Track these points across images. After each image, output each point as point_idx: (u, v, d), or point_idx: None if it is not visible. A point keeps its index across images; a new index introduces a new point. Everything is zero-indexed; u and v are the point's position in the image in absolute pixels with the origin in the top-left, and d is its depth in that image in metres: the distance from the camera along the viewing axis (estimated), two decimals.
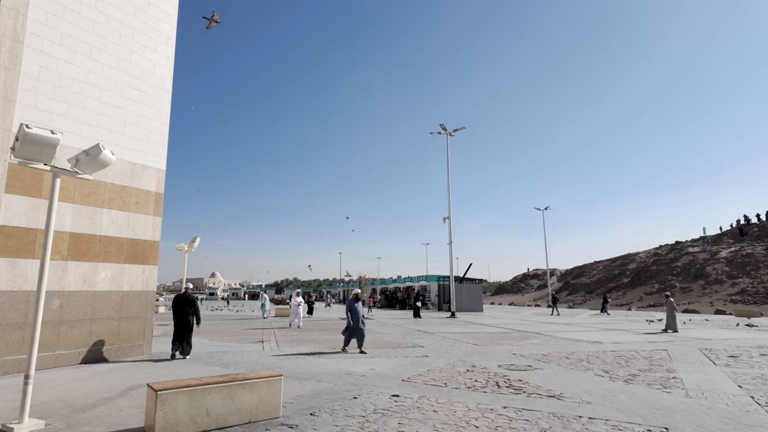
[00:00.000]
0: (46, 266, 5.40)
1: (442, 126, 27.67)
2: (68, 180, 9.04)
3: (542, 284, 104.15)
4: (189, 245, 15.29)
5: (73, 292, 8.96)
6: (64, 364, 8.68)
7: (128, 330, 9.86)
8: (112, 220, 9.75)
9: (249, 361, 9.65)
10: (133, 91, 10.41)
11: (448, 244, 26.88)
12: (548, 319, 26.13)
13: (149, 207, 10.56)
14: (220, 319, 24.54)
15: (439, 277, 37.76)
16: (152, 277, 10.50)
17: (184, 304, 10.45)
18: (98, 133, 9.64)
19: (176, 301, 10.58)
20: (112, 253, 9.70)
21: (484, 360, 10.08)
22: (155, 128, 10.86)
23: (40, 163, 5.28)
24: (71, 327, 8.87)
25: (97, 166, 5.69)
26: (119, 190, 9.96)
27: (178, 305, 10.48)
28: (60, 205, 8.86)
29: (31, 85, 8.61)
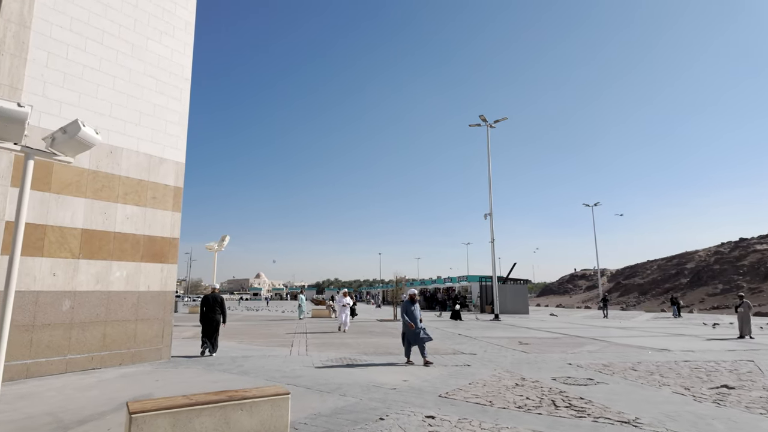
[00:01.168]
0: (16, 261, 4.66)
1: (482, 117, 26.18)
2: (80, 173, 8.51)
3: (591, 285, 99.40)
4: (219, 244, 14.76)
5: (85, 293, 8.41)
6: (75, 370, 8.12)
7: (145, 333, 9.24)
8: (127, 216, 9.16)
9: (271, 368, 8.80)
10: (149, 80, 9.82)
11: (490, 242, 25.36)
12: (602, 323, 24.11)
13: (167, 202, 9.94)
14: (257, 319, 24.17)
15: (480, 278, 36.13)
16: (171, 276, 9.86)
17: (213, 303, 10.83)
18: (112, 124, 9.08)
19: (205, 301, 10.95)
20: (127, 251, 9.11)
21: (535, 371, 8.77)
22: (173, 119, 10.24)
23: (8, 142, 4.54)
24: (83, 330, 8.31)
25: (78, 146, 4.93)
26: (135, 184, 9.37)
27: (206, 305, 10.86)
28: (70, 200, 8.33)
29: (38, 72, 8.12)
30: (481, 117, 26.24)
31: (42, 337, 7.77)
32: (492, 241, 25.33)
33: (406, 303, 9.87)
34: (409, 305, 9.76)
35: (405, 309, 9.72)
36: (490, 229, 25.42)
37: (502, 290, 29.75)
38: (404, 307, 9.78)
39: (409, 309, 9.69)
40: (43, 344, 7.77)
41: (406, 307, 9.74)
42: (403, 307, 9.83)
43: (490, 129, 26.85)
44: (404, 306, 9.83)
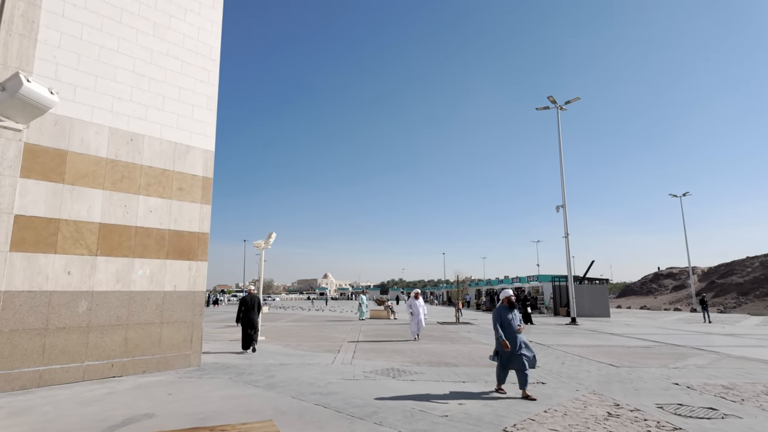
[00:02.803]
0: None
1: (551, 98, 23.64)
2: (97, 162, 7.80)
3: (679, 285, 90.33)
4: (265, 242, 13.92)
5: (104, 293, 7.67)
6: (93, 378, 7.38)
7: (172, 337, 8.40)
8: (150, 209, 8.37)
9: (304, 380, 7.58)
10: (172, 61, 9.02)
11: (564, 237, 22.78)
12: (701, 328, 20.74)
13: (195, 193, 9.07)
14: (314, 320, 23.46)
15: (553, 277, 33.17)
16: (200, 275, 8.98)
17: (251, 304, 11.49)
18: (132, 109, 8.33)
19: (243, 303, 11.53)
20: (150, 247, 8.31)
21: (632, 394, 6.82)
22: (201, 103, 9.38)
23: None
24: (102, 334, 7.57)
25: (25, 108, 3.95)
26: (158, 174, 8.57)
27: (245, 306, 11.44)
28: (87, 192, 7.63)
29: (50, 54, 7.48)
30: (550, 98, 23.71)
31: (56, 342, 7.08)
32: (566, 236, 22.75)
33: (499, 309, 7.05)
34: (505, 312, 6.96)
35: (498, 318, 6.93)
36: (564, 222, 22.85)
37: (578, 291, 26.91)
38: (497, 316, 6.97)
39: (505, 318, 6.90)
40: (57, 349, 7.09)
41: (500, 316, 6.94)
42: (495, 315, 7.03)
43: (561, 111, 24.23)
44: (497, 314, 7.00)
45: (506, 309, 7.05)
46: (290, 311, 35.61)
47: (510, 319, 6.91)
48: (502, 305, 7.13)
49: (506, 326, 6.85)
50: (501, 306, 7.13)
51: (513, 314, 7.00)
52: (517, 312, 7.12)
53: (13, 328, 6.72)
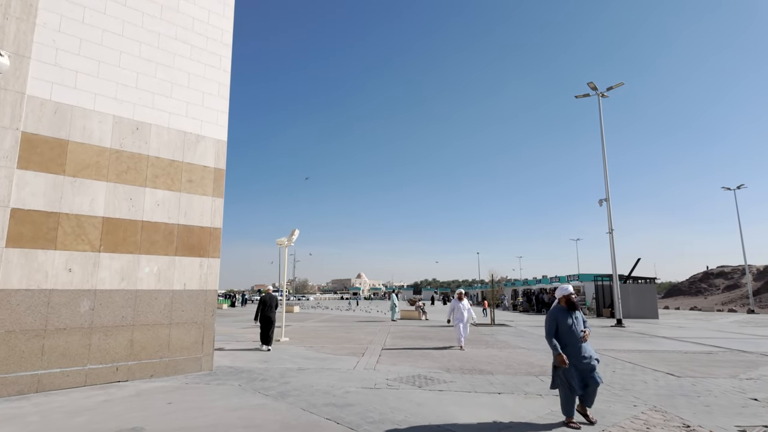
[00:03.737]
0: None
1: (591, 85, 22.09)
2: (100, 153, 7.33)
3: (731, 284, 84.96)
4: (288, 239, 13.35)
5: (108, 292, 7.18)
6: (96, 382, 6.90)
7: (181, 339, 7.85)
8: (157, 202, 7.86)
9: (320, 387, 6.84)
10: (181, 46, 8.49)
11: (608, 233, 21.20)
12: (765, 332, 18.77)
13: (206, 186, 8.51)
14: (343, 320, 22.84)
15: (595, 276, 31.31)
16: (212, 272, 8.41)
17: (270, 303, 11.87)
18: (138, 96, 7.84)
19: (262, 302, 11.91)
20: (158, 243, 7.79)
21: (703, 411, 5.72)
22: (212, 90, 8.82)
23: None
24: (106, 335, 7.08)
25: None
26: (166, 165, 8.05)
27: (264, 305, 11.81)
28: (89, 184, 7.17)
29: (50, 38, 7.06)
30: (590, 85, 22.16)
31: (56, 344, 6.63)
32: (610, 232, 21.16)
33: (556, 313, 5.26)
34: (564, 316, 5.22)
35: (554, 323, 5.20)
36: (608, 217, 21.28)
37: (624, 290, 25.17)
38: (552, 321, 5.22)
39: (564, 323, 5.16)
40: (57, 352, 6.63)
41: (556, 321, 5.20)
42: (549, 320, 5.25)
43: (602, 98, 22.65)
44: (552, 319, 5.24)
45: (564, 312, 5.27)
46: (321, 311, 35.25)
47: (570, 324, 5.16)
48: (559, 307, 5.33)
49: (566, 334, 5.14)
50: (557, 308, 5.31)
51: (574, 318, 5.24)
52: (579, 314, 5.34)
53: (9, 329, 6.29)
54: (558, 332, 5.20)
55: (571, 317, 5.24)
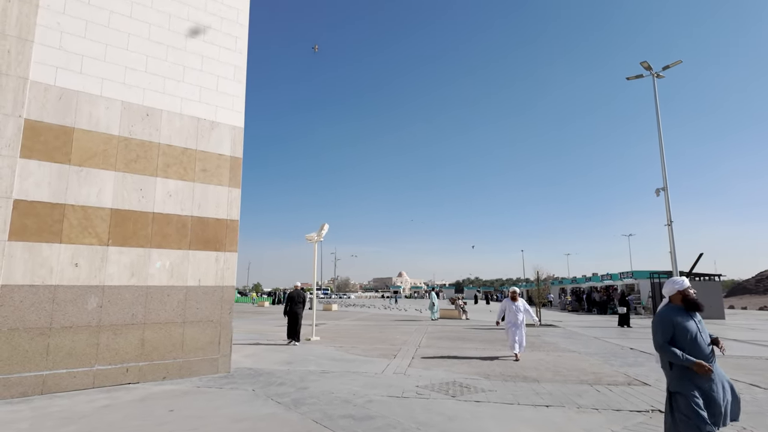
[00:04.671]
0: None
1: (645, 64, 20.24)
2: (108, 141, 6.92)
3: None
4: (318, 234, 12.77)
5: (117, 288, 6.75)
6: (105, 384, 6.47)
7: (196, 339, 7.34)
8: (169, 193, 7.38)
9: (341, 395, 6.11)
10: (193, 26, 7.99)
11: (667, 226, 19.33)
12: None
13: (222, 175, 7.98)
14: (380, 319, 22.14)
15: (651, 274, 29.06)
16: (230, 267, 7.87)
17: (297, 299, 12.24)
18: (148, 81, 7.40)
19: (290, 298, 12.29)
20: (170, 237, 7.31)
21: None
22: (227, 74, 8.29)
23: None
24: (115, 334, 6.65)
25: None
26: (178, 153, 7.57)
27: (291, 301, 12.19)
28: (96, 173, 6.76)
29: (54, 20, 6.70)
30: (643, 64, 20.30)
31: (61, 343, 6.24)
32: (669, 224, 19.27)
33: (669, 313, 3.62)
34: (683, 318, 3.57)
35: (670, 328, 3.54)
36: (666, 208, 19.40)
37: None
38: (667, 325, 3.56)
39: (685, 329, 3.53)
40: (63, 352, 6.24)
41: (672, 325, 3.55)
42: (663, 323, 3.57)
43: (657, 79, 20.72)
44: (666, 321, 3.57)
45: (683, 313, 3.62)
46: (359, 309, 34.76)
47: (694, 332, 3.51)
48: (672, 306, 3.68)
49: (690, 345, 3.49)
50: (671, 308, 3.66)
51: (697, 321, 3.61)
52: (700, 320, 3.65)
53: (12, 327, 5.94)
54: (675, 341, 3.52)
55: (694, 321, 3.58)
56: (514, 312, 9.95)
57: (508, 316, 10.00)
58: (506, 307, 10.21)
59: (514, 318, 9.88)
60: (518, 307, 10.01)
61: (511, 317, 9.95)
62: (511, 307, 10.09)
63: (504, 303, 10.39)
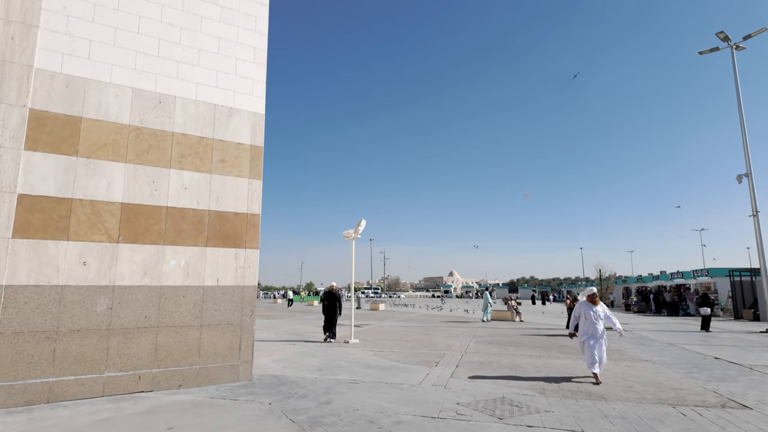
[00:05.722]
0: None
1: (722, 35, 17.89)
2: (118, 130, 6.45)
3: None
4: (355, 231, 12.05)
5: (128, 288, 6.26)
6: (116, 392, 5.98)
7: (214, 343, 6.74)
8: (184, 186, 6.83)
9: (366, 413, 5.25)
10: (210, 7, 7.43)
11: (752, 216, 16.97)
12: None
13: (242, 166, 7.36)
14: (426, 320, 21.14)
15: (731, 271, 26.09)
16: (250, 265, 7.23)
17: (332, 298, 12.75)
18: (160, 66, 6.89)
19: (325, 296, 12.96)
20: (186, 232, 6.76)
21: None
22: (246, 56, 7.67)
23: None
24: (126, 338, 6.16)
25: None
26: (194, 143, 7.01)
27: (326, 300, 12.82)
28: (105, 165, 6.30)
29: (60, 4, 6.30)
30: (719, 35, 17.97)
31: (69, 348, 5.80)
32: (755, 215, 16.91)
33: None
34: None
35: None
36: (750, 196, 17.02)
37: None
38: None
39: None
40: (71, 357, 5.80)
41: None
42: None
43: (737, 51, 18.30)
44: None
45: None
46: (407, 309, 33.85)
47: None
48: None
49: None
50: None
51: None
52: None
53: (16, 331, 5.55)
54: None
55: None
56: (593, 320, 7.63)
57: (584, 325, 7.72)
58: (582, 312, 7.86)
59: (592, 328, 7.57)
60: (597, 313, 7.71)
61: (588, 326, 7.64)
62: (589, 312, 7.72)
63: (578, 308, 7.99)
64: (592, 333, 7.55)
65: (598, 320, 7.64)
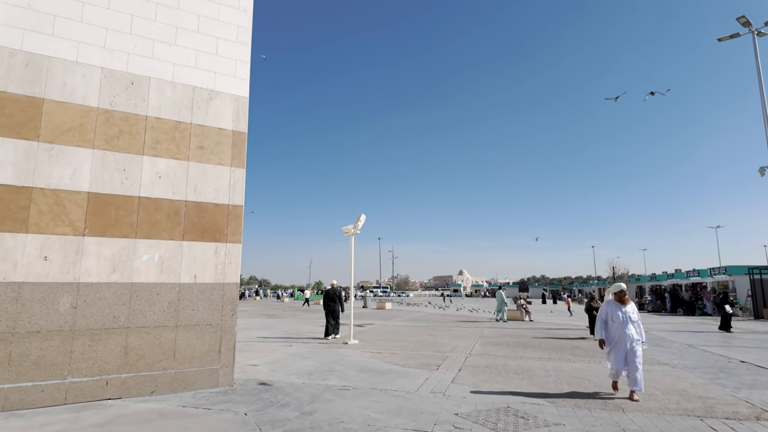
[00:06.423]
0: None
1: (743, 20, 16.99)
2: (85, 114, 5.92)
3: None
4: (354, 226, 11.46)
5: (95, 285, 5.72)
6: (80, 400, 5.45)
7: (191, 346, 6.18)
8: (159, 174, 6.28)
9: (351, 426, 4.64)
10: None
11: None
12: None
13: (223, 153, 6.79)
14: (432, 320, 20.49)
15: (750, 269, 25.07)
16: (232, 261, 6.66)
17: (333, 296, 12.99)
18: (133, 44, 6.34)
19: (326, 295, 13.13)
20: (160, 225, 6.21)
21: None
22: (229, 35, 7.10)
23: None
24: (92, 340, 5.62)
25: None
26: (170, 128, 6.46)
27: (327, 297, 13.04)
28: (70, 152, 5.77)
29: None
30: (740, 20, 17.07)
31: (27, 351, 5.28)
32: None
33: None
34: None
35: None
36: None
37: None
38: None
39: None
40: (29, 361, 5.27)
41: None
42: None
43: (759, 38, 17.36)
44: None
45: None
46: (414, 308, 33.20)
47: None
48: None
49: None
50: None
51: None
52: None
53: None
54: None
55: None
56: (621, 322, 6.23)
57: (612, 330, 6.35)
58: (609, 314, 6.41)
59: (621, 331, 6.19)
60: (627, 314, 6.28)
61: (616, 331, 6.27)
62: (617, 313, 6.31)
63: (604, 309, 6.52)
64: (620, 337, 6.22)
65: (629, 323, 6.22)
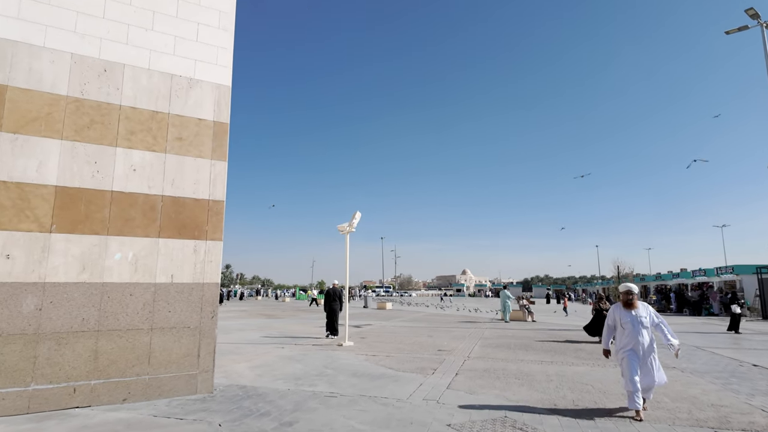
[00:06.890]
0: None
1: (751, 12, 16.49)
2: (54, 102, 5.54)
3: None
4: (349, 224, 11.08)
5: (63, 285, 5.35)
6: (43, 409, 5.07)
7: (167, 350, 5.80)
8: (133, 167, 5.90)
9: None
10: None
11: None
12: None
13: (203, 145, 6.41)
14: (433, 320, 20.07)
15: (758, 268, 24.53)
16: (213, 260, 6.27)
17: (333, 296, 13.18)
18: (106, 29, 5.96)
19: (327, 295, 13.37)
20: (134, 221, 5.83)
21: None
22: (209, 20, 6.71)
23: None
24: (59, 344, 5.24)
25: None
26: (146, 118, 6.07)
27: (328, 297, 13.27)
28: (36, 142, 5.39)
29: None
30: (748, 12, 16.56)
31: None
32: None
33: None
34: None
35: None
36: None
37: None
38: None
39: None
40: None
41: None
42: None
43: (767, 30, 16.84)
44: None
45: None
46: (415, 308, 32.77)
47: None
48: None
49: None
50: None
51: None
52: None
53: None
54: None
55: None
56: (632, 328, 5.43)
57: (621, 337, 5.54)
58: (617, 320, 5.65)
59: (633, 338, 5.40)
60: (638, 318, 5.46)
61: (626, 339, 5.46)
62: (625, 319, 5.52)
63: (612, 314, 5.77)
64: (632, 346, 5.40)
65: (640, 328, 5.41)
